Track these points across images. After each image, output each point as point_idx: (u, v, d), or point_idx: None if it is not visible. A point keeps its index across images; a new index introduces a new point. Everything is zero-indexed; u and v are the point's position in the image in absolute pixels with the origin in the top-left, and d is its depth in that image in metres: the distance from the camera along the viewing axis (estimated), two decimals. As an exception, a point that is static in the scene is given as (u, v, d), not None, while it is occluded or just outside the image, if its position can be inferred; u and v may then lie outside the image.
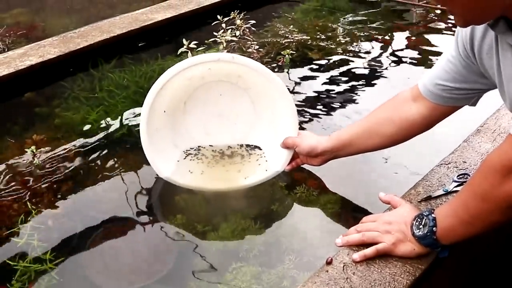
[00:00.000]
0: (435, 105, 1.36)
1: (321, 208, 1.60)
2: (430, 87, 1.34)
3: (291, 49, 2.66)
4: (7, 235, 1.55)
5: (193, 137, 1.76)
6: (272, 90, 1.64)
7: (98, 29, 2.78)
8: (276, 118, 1.70)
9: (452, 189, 1.40)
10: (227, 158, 1.75)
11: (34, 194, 1.73)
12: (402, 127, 1.45)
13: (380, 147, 1.54)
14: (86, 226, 1.61)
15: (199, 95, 1.69)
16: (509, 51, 1.05)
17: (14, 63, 2.39)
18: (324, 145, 1.56)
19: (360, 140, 1.52)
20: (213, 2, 3.22)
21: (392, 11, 3.47)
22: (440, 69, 1.31)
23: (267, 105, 1.70)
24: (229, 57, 1.61)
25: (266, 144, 1.74)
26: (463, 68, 1.25)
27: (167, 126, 1.69)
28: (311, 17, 3.25)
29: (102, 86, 2.39)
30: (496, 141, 1.59)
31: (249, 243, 1.49)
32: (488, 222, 1.12)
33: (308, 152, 1.59)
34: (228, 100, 1.72)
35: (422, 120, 1.41)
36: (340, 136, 1.55)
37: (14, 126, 2.12)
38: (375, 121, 1.50)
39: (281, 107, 1.66)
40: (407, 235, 1.21)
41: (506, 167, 1.04)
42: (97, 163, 1.89)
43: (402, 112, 1.44)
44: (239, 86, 1.68)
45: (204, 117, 1.74)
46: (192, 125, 1.75)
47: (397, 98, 1.48)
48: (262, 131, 1.75)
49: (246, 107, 1.73)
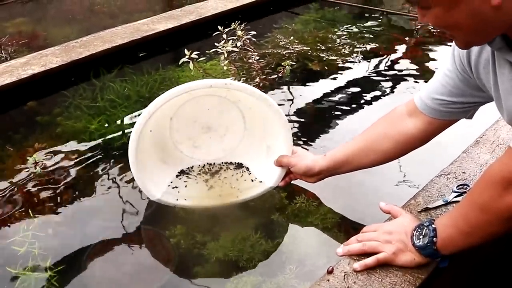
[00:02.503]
0: (432, 119, 1.36)
1: (321, 218, 1.61)
2: (427, 102, 1.34)
3: (291, 60, 2.68)
4: (8, 243, 1.55)
5: (182, 152, 1.70)
6: (263, 107, 1.57)
7: (100, 38, 2.80)
8: (268, 132, 1.65)
9: (452, 199, 1.41)
10: (218, 175, 1.71)
11: (35, 202, 1.74)
12: (399, 143, 1.45)
13: (377, 163, 1.53)
14: (86, 235, 1.61)
15: (186, 110, 1.60)
16: (506, 67, 1.06)
17: (16, 72, 2.40)
18: (321, 165, 1.54)
19: (357, 158, 1.51)
20: (214, 13, 3.24)
21: (391, 23, 3.50)
22: (437, 83, 1.32)
23: (257, 119, 1.65)
24: (222, 83, 1.54)
25: (257, 158, 1.70)
26: (460, 82, 1.26)
27: (154, 145, 1.61)
28: (311, 28, 3.28)
29: (103, 96, 2.40)
30: (495, 152, 1.60)
31: (250, 253, 1.49)
32: (487, 233, 1.13)
33: (305, 172, 1.57)
34: (217, 113, 1.66)
35: (419, 135, 1.41)
36: (336, 155, 1.54)
37: (16, 135, 2.13)
38: (372, 137, 1.49)
39: (273, 122, 1.61)
40: (407, 245, 1.22)
41: (507, 179, 1.05)
42: (97, 172, 1.90)
43: (399, 127, 1.44)
44: (228, 99, 1.61)
45: (192, 131, 1.68)
46: (180, 140, 1.68)
47: (393, 114, 1.48)
48: (253, 145, 1.71)
49: (235, 120, 1.68)
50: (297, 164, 1.58)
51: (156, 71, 2.65)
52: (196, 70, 2.59)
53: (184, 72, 2.62)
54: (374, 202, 1.45)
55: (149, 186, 1.59)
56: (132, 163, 1.53)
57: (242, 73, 2.63)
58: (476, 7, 0.90)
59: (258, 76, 2.56)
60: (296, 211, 1.64)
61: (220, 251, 1.50)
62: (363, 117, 2.28)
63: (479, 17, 0.92)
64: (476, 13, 0.91)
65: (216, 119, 1.67)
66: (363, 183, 1.64)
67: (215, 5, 3.39)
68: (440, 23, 0.97)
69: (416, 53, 2.97)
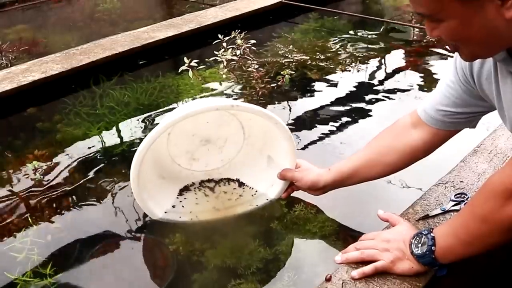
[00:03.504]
0: (436, 130, 1.37)
1: (320, 226, 1.61)
2: (431, 113, 1.35)
3: (290, 69, 2.70)
4: (7, 249, 1.55)
5: (179, 165, 1.66)
6: (270, 125, 1.53)
7: (100, 46, 2.81)
8: (269, 142, 1.63)
9: (450, 208, 1.41)
10: (218, 189, 1.69)
11: (34, 208, 1.74)
12: (405, 154, 1.45)
13: (382, 175, 1.53)
14: (86, 241, 1.61)
15: (185, 125, 1.53)
16: (509, 77, 1.07)
17: (17, 78, 2.42)
18: (326, 179, 1.53)
19: (363, 171, 1.51)
20: (214, 21, 3.27)
21: (390, 32, 3.52)
22: (440, 94, 1.32)
23: (258, 129, 1.63)
24: (228, 106, 1.47)
25: (257, 168, 1.69)
26: (463, 92, 1.27)
27: (152, 162, 1.55)
28: (310, 37, 3.29)
29: (103, 103, 2.41)
30: (492, 161, 1.61)
31: (248, 260, 1.49)
32: (487, 243, 1.13)
33: (309, 187, 1.57)
34: (216, 126, 1.62)
35: (424, 146, 1.42)
36: (342, 169, 1.53)
37: (16, 141, 2.13)
38: (377, 150, 1.49)
39: (276, 135, 1.57)
40: (405, 253, 1.22)
41: (508, 190, 1.05)
42: (97, 178, 1.91)
43: (404, 139, 1.44)
44: (227, 111, 1.57)
45: (191, 145, 1.64)
46: (177, 154, 1.64)
47: (397, 125, 1.48)
48: (252, 155, 1.69)
49: (235, 131, 1.65)
50: (302, 179, 1.57)
51: (156, 78, 2.66)
52: (196, 78, 2.60)
53: (184, 80, 2.64)
54: (373, 210, 1.45)
55: (151, 207, 1.57)
56: (134, 188, 1.49)
57: (242, 81, 2.65)
58: (490, 20, 0.91)
59: (257, 85, 2.58)
60: (294, 219, 1.65)
61: (219, 259, 1.50)
62: (362, 126, 2.29)
63: (492, 30, 0.93)
64: (490, 26, 0.92)
65: (215, 132, 1.64)
66: (361, 191, 1.64)
67: (215, 13, 3.42)
68: (454, 36, 0.97)
69: (415, 62, 2.99)
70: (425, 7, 0.94)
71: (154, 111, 2.36)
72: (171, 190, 1.66)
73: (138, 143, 2.09)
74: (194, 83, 2.61)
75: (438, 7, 0.92)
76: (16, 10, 4.36)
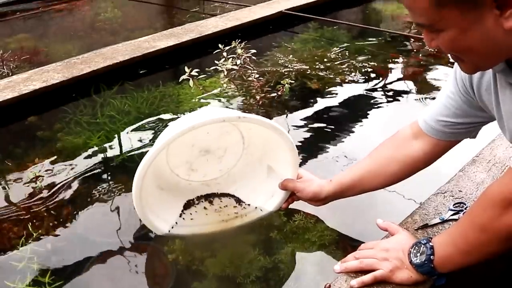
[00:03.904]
0: (437, 140, 1.38)
1: (319, 235, 1.61)
2: (431, 124, 1.36)
3: (290, 78, 2.71)
4: (7, 258, 1.55)
5: (178, 175, 1.63)
6: (272, 135, 1.51)
7: (101, 55, 2.83)
8: (269, 152, 1.62)
9: (448, 217, 1.42)
10: (218, 202, 1.68)
11: (34, 217, 1.74)
12: (406, 165, 1.45)
13: (383, 186, 1.54)
14: (85, 250, 1.61)
15: (185, 135, 1.45)
16: (508, 88, 1.08)
17: (18, 87, 2.43)
18: (327, 190, 1.53)
19: (364, 182, 1.51)
20: (214, 31, 3.28)
21: (389, 42, 3.54)
22: (441, 105, 1.33)
23: (258, 139, 1.61)
24: (235, 117, 1.45)
25: (256, 178, 1.68)
26: (464, 103, 1.27)
27: (152, 173, 1.50)
28: (310, 47, 3.31)
29: (103, 112, 2.42)
30: (491, 171, 1.62)
31: (247, 269, 1.49)
32: (485, 253, 1.14)
33: (311, 198, 1.57)
34: (216, 136, 1.60)
35: (425, 157, 1.42)
36: (343, 180, 1.53)
37: (16, 149, 2.14)
38: (378, 161, 1.49)
39: (278, 145, 1.55)
40: (404, 262, 1.23)
41: (506, 199, 1.06)
42: (97, 187, 1.91)
43: (405, 150, 1.44)
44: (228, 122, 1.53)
45: (190, 155, 1.61)
46: (176, 165, 1.61)
47: (398, 136, 1.49)
48: (251, 164, 1.68)
49: (235, 141, 1.63)
50: (304, 190, 1.56)
51: (156, 88, 2.68)
52: (196, 88, 2.62)
53: (184, 89, 2.65)
54: (372, 219, 1.46)
55: (153, 221, 1.55)
56: (137, 204, 1.48)
57: (242, 90, 2.66)
58: (488, 30, 0.91)
59: (257, 94, 2.59)
60: (294, 228, 1.65)
61: (218, 267, 1.50)
62: (362, 135, 2.30)
63: (491, 41, 0.93)
64: (489, 36, 0.92)
65: (215, 142, 1.62)
66: (360, 200, 1.65)
67: (215, 23, 3.44)
68: (452, 46, 0.97)
69: (414, 72, 3.00)
70: (424, 17, 0.94)
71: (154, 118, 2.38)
72: (172, 203, 1.64)
73: (139, 152, 2.11)
74: (195, 93, 2.62)
75: (437, 17, 0.92)
76: (17, 19, 4.38)
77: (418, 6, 0.93)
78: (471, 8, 0.89)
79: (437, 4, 0.90)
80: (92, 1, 4.93)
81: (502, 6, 0.88)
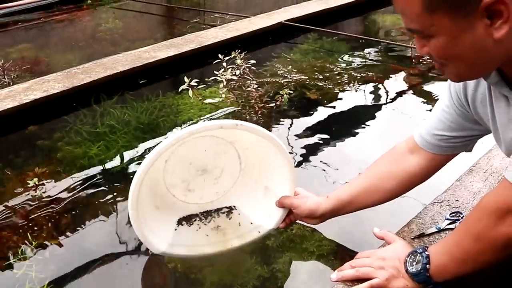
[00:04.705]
0: (433, 155, 1.37)
1: (317, 244, 1.62)
2: (427, 138, 1.36)
3: (289, 89, 2.73)
4: (6, 266, 1.56)
5: (174, 196, 1.59)
6: (270, 147, 1.50)
7: (101, 65, 2.85)
8: (265, 173, 1.59)
9: (445, 226, 1.43)
10: (215, 223, 1.64)
11: (33, 226, 1.75)
12: (403, 180, 1.45)
13: (380, 202, 1.52)
14: (84, 259, 1.62)
15: (182, 152, 1.47)
16: (503, 101, 1.09)
17: (18, 96, 2.44)
18: (324, 207, 1.51)
19: (362, 198, 1.49)
20: (214, 41, 3.31)
21: (389, 52, 3.56)
22: (436, 119, 1.33)
23: (254, 159, 1.58)
24: (232, 124, 1.43)
25: (253, 199, 1.64)
26: (458, 116, 1.28)
27: (149, 190, 1.47)
28: (309, 57, 3.33)
29: (103, 121, 2.44)
30: (488, 181, 1.63)
31: (245, 278, 1.50)
32: (481, 262, 1.15)
33: (308, 215, 1.54)
34: (213, 155, 1.55)
35: (421, 171, 1.42)
36: (340, 197, 1.51)
37: (16, 159, 2.15)
38: (376, 177, 1.49)
39: (275, 163, 1.54)
40: (400, 271, 1.23)
41: (501, 209, 1.07)
42: (96, 196, 1.92)
43: (401, 165, 1.44)
44: (225, 139, 1.52)
45: (187, 174, 1.57)
46: (173, 183, 1.56)
47: (394, 152, 1.48)
48: (248, 186, 1.64)
49: (231, 161, 1.59)
50: (300, 207, 1.53)
51: (156, 97, 2.69)
52: (195, 98, 2.63)
53: (184, 99, 2.67)
54: (368, 229, 1.47)
55: (153, 240, 1.52)
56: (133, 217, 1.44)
57: (241, 101, 2.67)
58: (478, 38, 0.92)
59: (256, 104, 2.60)
60: (291, 237, 1.66)
61: (216, 276, 1.51)
62: (360, 146, 2.31)
63: (480, 49, 0.94)
64: (478, 45, 0.93)
65: (212, 161, 1.58)
66: (358, 210, 1.66)
67: (215, 34, 3.46)
68: (442, 53, 0.98)
69: (414, 83, 3.02)
70: (416, 23, 0.96)
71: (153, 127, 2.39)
72: (168, 224, 1.60)
73: (138, 161, 2.12)
74: (194, 102, 2.64)
75: (428, 22, 0.94)
76: (19, 29, 4.41)
77: (411, 11, 0.94)
78: (462, 16, 0.91)
79: (429, 9, 0.92)
80: (94, 12, 4.97)
81: (492, 16, 0.89)
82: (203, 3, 5.51)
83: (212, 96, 2.73)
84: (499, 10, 0.88)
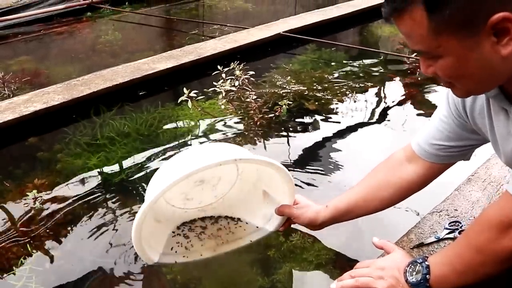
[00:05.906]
0: (431, 164, 1.38)
1: (316, 254, 1.62)
2: (425, 147, 1.37)
3: (288, 100, 2.74)
4: (5, 277, 1.56)
5: (173, 206, 1.61)
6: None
7: (101, 77, 2.86)
8: (264, 177, 1.60)
9: (444, 236, 1.43)
10: (213, 227, 1.66)
11: (33, 237, 1.75)
12: (401, 189, 1.46)
13: (378, 210, 1.53)
14: (84, 270, 1.62)
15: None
16: (501, 113, 1.09)
17: (18, 108, 2.45)
18: (323, 216, 1.51)
19: (360, 206, 1.50)
20: (213, 53, 3.32)
21: (387, 63, 3.58)
22: (434, 128, 1.34)
23: (251, 165, 1.58)
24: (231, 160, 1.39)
25: (252, 202, 1.66)
26: (457, 126, 1.29)
27: (149, 216, 1.44)
28: (308, 68, 3.35)
29: (103, 133, 2.44)
30: (486, 190, 1.63)
31: (245, 288, 1.50)
32: (481, 274, 1.15)
33: (307, 224, 1.55)
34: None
35: (419, 180, 1.43)
36: (339, 205, 1.52)
37: (16, 170, 2.16)
38: (374, 185, 1.49)
39: (271, 171, 1.51)
40: (400, 281, 1.23)
41: (503, 222, 1.07)
42: (96, 207, 1.92)
43: (399, 174, 1.45)
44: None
45: (185, 187, 1.58)
46: (171, 197, 1.58)
47: (391, 160, 1.49)
48: (246, 190, 1.66)
49: (229, 169, 1.61)
50: (300, 217, 1.54)
51: (155, 109, 2.70)
52: (195, 109, 2.64)
53: (183, 110, 2.68)
54: (368, 238, 1.47)
55: (148, 252, 1.50)
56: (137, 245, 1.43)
57: (240, 111, 2.69)
58: (486, 56, 0.93)
59: (255, 115, 2.61)
60: (291, 247, 1.66)
61: (216, 285, 1.50)
62: (359, 156, 2.31)
63: (487, 67, 0.95)
64: (486, 62, 0.94)
65: (209, 172, 1.59)
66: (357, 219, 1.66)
67: (214, 45, 3.48)
68: (450, 73, 0.99)
69: (412, 93, 3.03)
70: (422, 44, 0.96)
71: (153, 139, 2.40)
72: (165, 233, 1.61)
73: (138, 173, 2.12)
74: (193, 114, 2.65)
75: (435, 44, 0.94)
76: (19, 41, 4.43)
77: (416, 33, 0.95)
78: (468, 36, 0.91)
79: (435, 31, 0.92)
80: (93, 24, 4.99)
81: (499, 34, 0.90)
82: (202, 15, 5.55)
83: (212, 107, 2.74)
84: (506, 27, 0.89)
